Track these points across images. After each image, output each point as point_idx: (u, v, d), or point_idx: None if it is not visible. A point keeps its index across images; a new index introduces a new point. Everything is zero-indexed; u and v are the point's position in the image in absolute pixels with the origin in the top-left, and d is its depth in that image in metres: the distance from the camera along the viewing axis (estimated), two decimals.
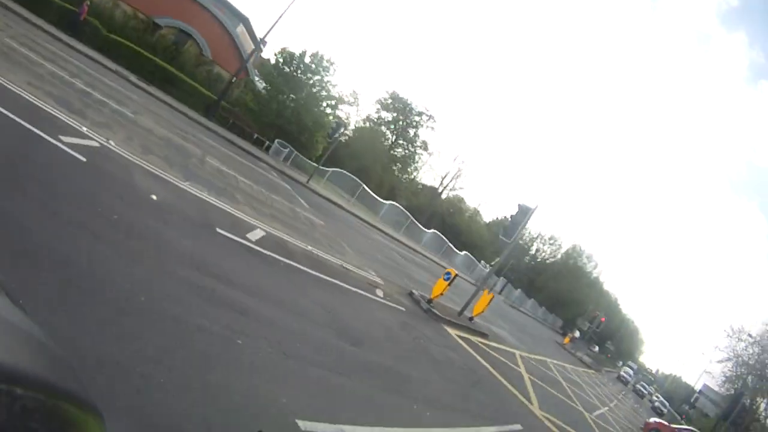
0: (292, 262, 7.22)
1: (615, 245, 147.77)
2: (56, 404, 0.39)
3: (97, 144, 6.73)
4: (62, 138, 6.00)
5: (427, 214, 46.62)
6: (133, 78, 18.86)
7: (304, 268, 7.39)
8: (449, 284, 10.95)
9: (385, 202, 35.26)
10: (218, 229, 6.42)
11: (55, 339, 0.44)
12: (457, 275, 11.29)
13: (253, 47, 31.54)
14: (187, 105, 21.81)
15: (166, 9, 26.11)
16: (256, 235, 7.27)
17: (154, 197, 6.11)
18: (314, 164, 27.02)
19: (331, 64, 29.78)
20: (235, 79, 25.67)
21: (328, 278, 7.77)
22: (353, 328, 6.46)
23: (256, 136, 25.97)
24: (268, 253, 6.84)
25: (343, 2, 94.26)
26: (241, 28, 31.11)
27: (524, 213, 13.44)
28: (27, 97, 6.87)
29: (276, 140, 26.94)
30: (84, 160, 5.76)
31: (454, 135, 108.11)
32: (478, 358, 10.22)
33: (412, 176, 52.85)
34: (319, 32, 69.60)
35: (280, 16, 25.58)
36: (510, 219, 13.98)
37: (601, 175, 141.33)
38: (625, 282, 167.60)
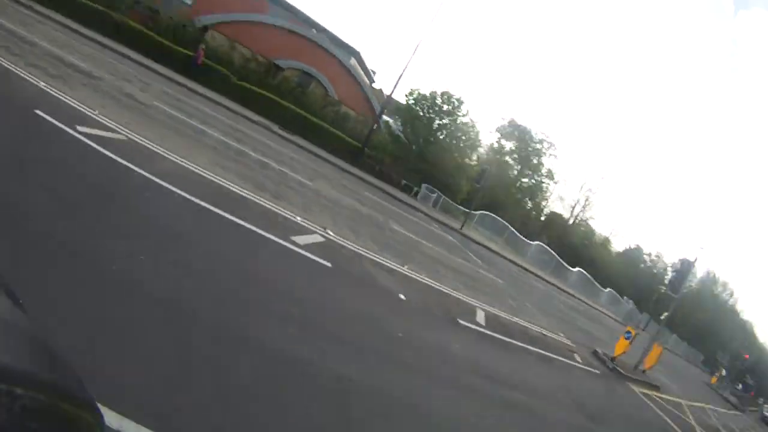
0: (516, 342, 8.63)
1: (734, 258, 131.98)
2: (56, 404, 0.39)
3: (322, 238, 7.13)
4: (294, 239, 6.22)
5: (562, 246, 43.66)
6: (275, 128, 19.95)
7: (526, 346, 8.79)
8: (630, 343, 11.78)
9: (531, 243, 35.74)
10: (459, 320, 7.60)
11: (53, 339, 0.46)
12: (637, 334, 12.10)
13: (366, 80, 31.49)
14: (329, 151, 22.48)
15: (283, 50, 25.66)
16: (480, 317, 8.65)
17: (402, 296, 6.82)
18: (461, 208, 27.94)
19: (461, 103, 29.79)
20: (375, 126, 26.37)
21: (544, 353, 9.14)
22: (586, 404, 7.75)
23: (404, 182, 26.76)
24: (498, 336, 8.21)
25: (451, 30, 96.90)
26: (353, 62, 31.07)
27: (687, 266, 13.94)
28: (232, 188, 7.02)
29: (423, 185, 27.72)
30: (329, 265, 6.08)
31: (576, 162, 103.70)
32: (661, 414, 10.85)
33: (542, 207, 51.12)
34: (424, 59, 68.71)
35: (404, 69, 25.90)
36: (675, 274, 14.49)
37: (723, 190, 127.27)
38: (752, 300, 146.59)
